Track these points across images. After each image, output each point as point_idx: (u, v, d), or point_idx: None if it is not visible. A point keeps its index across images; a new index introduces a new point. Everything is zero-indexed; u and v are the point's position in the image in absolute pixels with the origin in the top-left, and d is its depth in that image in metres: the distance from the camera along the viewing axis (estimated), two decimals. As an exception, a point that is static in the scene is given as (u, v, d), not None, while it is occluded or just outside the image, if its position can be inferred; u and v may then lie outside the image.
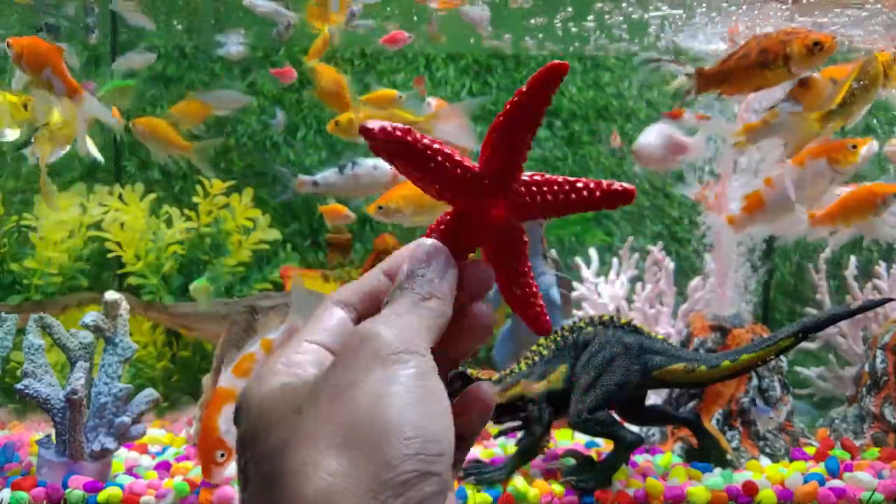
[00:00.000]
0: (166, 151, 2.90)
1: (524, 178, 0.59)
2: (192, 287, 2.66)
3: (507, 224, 0.59)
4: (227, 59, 3.54)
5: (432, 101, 2.94)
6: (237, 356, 2.11)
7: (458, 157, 0.57)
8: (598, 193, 0.59)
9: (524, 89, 0.57)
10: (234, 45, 3.21)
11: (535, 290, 0.61)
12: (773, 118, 2.37)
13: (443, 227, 0.59)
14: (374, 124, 0.55)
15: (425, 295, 0.55)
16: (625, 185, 0.58)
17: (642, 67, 2.62)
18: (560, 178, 0.60)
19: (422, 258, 0.57)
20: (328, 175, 2.83)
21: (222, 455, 2.02)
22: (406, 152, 0.56)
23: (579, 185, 0.59)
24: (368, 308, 0.57)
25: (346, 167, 2.82)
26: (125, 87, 2.93)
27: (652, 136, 2.79)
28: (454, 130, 2.58)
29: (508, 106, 0.57)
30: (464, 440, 0.57)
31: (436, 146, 0.57)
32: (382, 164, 2.76)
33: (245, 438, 0.51)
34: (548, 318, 0.61)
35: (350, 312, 0.57)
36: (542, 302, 0.61)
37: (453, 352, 0.58)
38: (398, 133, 0.56)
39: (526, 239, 0.61)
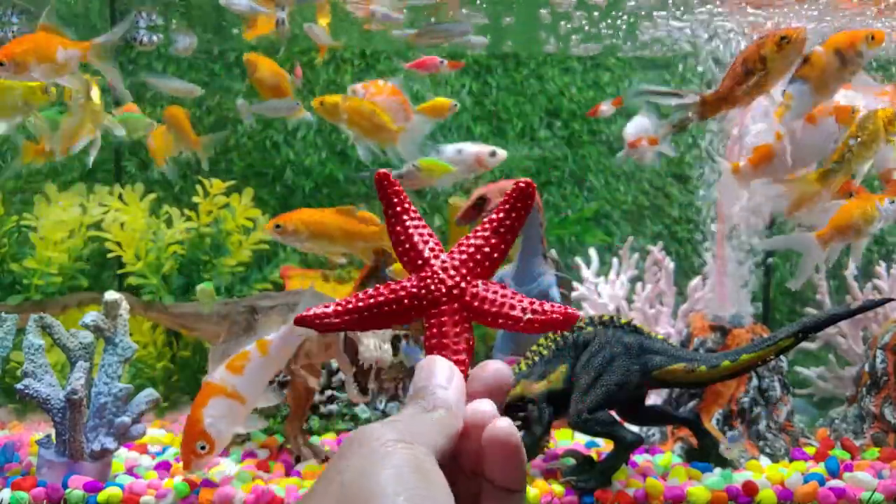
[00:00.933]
0: (180, 144, 2.89)
1: (482, 288, 0.63)
2: (197, 289, 2.66)
3: (451, 320, 0.62)
4: (175, 55, 3.49)
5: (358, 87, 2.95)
6: (232, 353, 2.11)
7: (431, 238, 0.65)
8: (536, 325, 0.62)
9: (506, 207, 0.65)
10: (181, 41, 3.19)
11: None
12: (777, 140, 2.40)
13: (398, 289, 0.64)
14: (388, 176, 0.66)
15: (428, 406, 0.55)
16: (569, 310, 0.61)
17: (639, 98, 2.63)
18: (509, 299, 0.62)
19: (422, 375, 0.58)
20: (410, 164, 2.82)
21: (203, 447, 2.02)
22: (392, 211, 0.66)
23: (520, 312, 0.62)
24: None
25: (429, 155, 2.81)
26: (139, 121, 2.95)
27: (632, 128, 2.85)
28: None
29: (487, 220, 0.65)
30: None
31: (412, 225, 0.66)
32: (466, 149, 2.75)
33: None
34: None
35: None
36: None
37: (483, 472, 0.55)
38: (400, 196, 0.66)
39: (468, 337, 0.63)
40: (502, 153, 2.79)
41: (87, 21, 3.50)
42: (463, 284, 0.63)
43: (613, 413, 2.14)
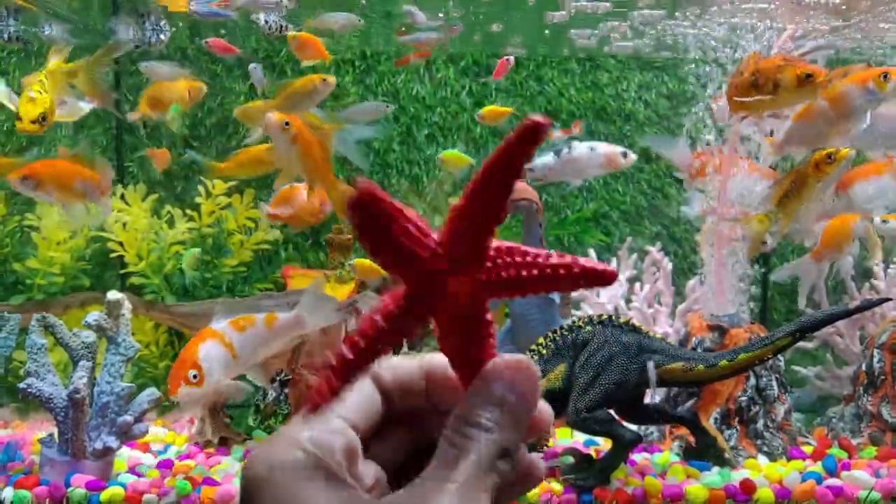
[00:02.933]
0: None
1: (493, 249, 0.51)
2: (185, 255, 2.68)
3: (468, 303, 0.51)
4: (176, 56, 3.49)
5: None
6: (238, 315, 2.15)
7: (421, 228, 0.51)
8: (577, 271, 0.51)
9: (501, 146, 0.49)
10: (150, 34, 3.20)
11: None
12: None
13: (391, 307, 0.52)
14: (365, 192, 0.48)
15: (500, 452, 0.48)
16: (606, 266, 0.51)
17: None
18: (535, 252, 0.52)
19: (507, 385, 0.50)
20: (545, 160, 2.83)
21: (195, 376, 2.03)
22: (369, 216, 0.49)
23: (556, 261, 0.51)
24: (400, 394, 0.53)
25: (561, 151, 2.81)
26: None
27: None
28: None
29: (483, 167, 0.50)
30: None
31: (399, 212, 0.50)
32: (598, 146, 2.76)
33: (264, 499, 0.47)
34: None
35: (381, 394, 0.53)
36: None
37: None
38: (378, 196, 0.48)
39: (490, 320, 0.52)
40: (633, 156, 2.79)
41: (88, 18, 3.51)
42: (470, 279, 0.51)
43: (612, 412, 2.15)
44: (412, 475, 0.48)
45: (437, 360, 0.54)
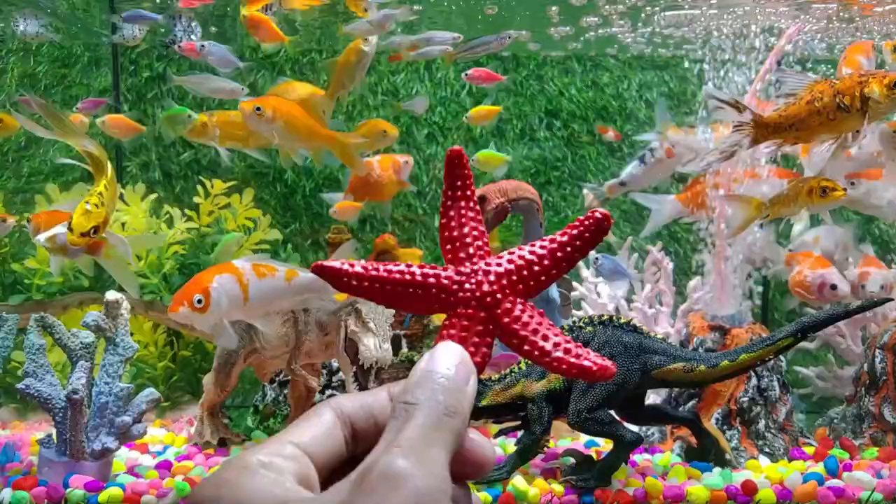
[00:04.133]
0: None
1: (519, 307, 0.56)
2: (223, 240, 2.65)
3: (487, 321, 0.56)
4: (109, 40, 3.46)
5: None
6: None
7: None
8: (563, 366, 0.55)
9: (574, 233, 0.57)
10: (128, 29, 3.16)
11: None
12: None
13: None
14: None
15: (450, 408, 0.49)
16: (602, 363, 0.55)
17: (710, 101, 2.49)
18: (543, 328, 0.56)
19: (446, 360, 0.52)
20: (631, 170, 2.84)
21: (200, 301, 2.02)
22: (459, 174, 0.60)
23: (551, 346, 0.55)
24: (363, 426, 0.53)
25: (645, 156, 2.82)
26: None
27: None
28: None
29: (558, 241, 0.57)
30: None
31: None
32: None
33: None
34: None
35: (343, 422, 0.52)
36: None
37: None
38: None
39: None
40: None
41: (88, 16, 3.51)
42: (499, 295, 0.56)
43: (613, 412, 2.14)
44: None
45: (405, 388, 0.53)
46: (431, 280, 0.56)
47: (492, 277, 0.56)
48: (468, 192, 0.59)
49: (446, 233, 0.59)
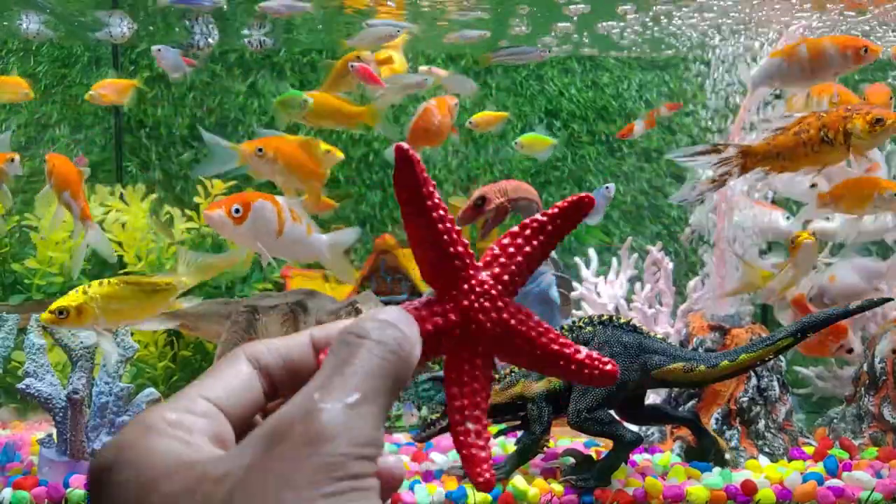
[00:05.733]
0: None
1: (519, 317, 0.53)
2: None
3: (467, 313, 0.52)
4: (107, 42, 3.42)
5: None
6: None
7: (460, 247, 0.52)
8: (573, 366, 0.54)
9: (551, 214, 0.54)
10: (116, 27, 3.14)
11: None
12: None
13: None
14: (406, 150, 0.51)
15: (393, 350, 0.45)
16: (606, 365, 0.54)
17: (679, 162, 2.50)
18: (546, 328, 0.53)
19: (386, 311, 0.48)
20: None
21: (238, 211, 2.05)
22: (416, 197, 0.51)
23: (559, 351, 0.53)
24: (283, 377, 0.48)
25: None
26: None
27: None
28: None
29: (539, 220, 0.54)
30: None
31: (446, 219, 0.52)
32: None
33: (118, 491, 0.41)
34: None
35: (260, 373, 0.48)
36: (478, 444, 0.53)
37: None
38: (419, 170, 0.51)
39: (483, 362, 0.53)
40: None
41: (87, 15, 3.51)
42: (505, 316, 0.52)
43: (612, 412, 2.14)
44: None
45: (328, 332, 0.49)
46: (442, 326, 0.51)
47: (493, 293, 0.52)
48: (432, 194, 0.51)
49: (422, 251, 0.52)
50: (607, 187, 2.85)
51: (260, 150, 2.36)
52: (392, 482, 0.48)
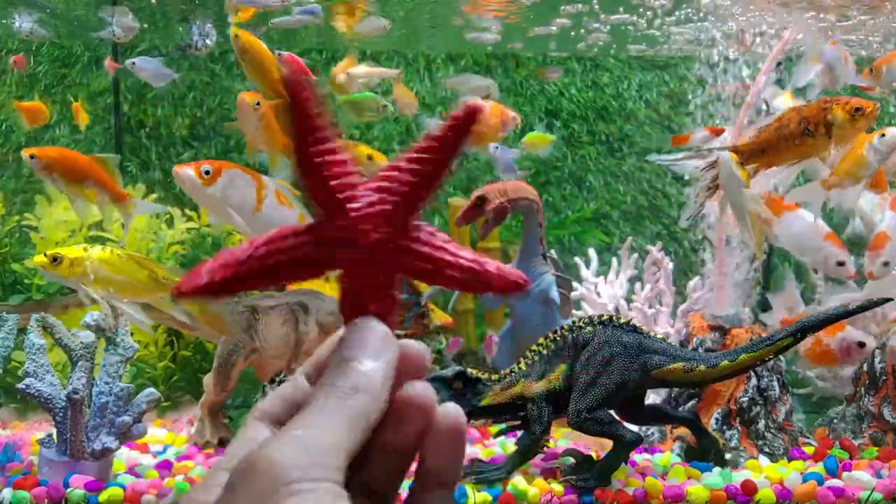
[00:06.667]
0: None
1: (425, 231, 0.53)
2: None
3: (372, 255, 0.51)
4: (107, 41, 3.40)
5: None
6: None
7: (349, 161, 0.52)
8: (485, 277, 0.52)
9: (435, 134, 0.53)
10: (119, 24, 3.12)
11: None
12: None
13: (299, 229, 0.52)
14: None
15: (347, 390, 0.46)
16: (517, 274, 0.53)
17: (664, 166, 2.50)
18: (458, 247, 0.53)
19: (349, 344, 0.49)
20: None
21: (208, 173, 2.03)
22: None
23: (470, 260, 0.53)
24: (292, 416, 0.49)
25: None
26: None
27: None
28: None
29: (429, 139, 0.53)
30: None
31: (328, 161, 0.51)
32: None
33: None
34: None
35: (273, 426, 0.49)
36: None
37: (385, 442, 0.48)
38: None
39: (389, 292, 0.52)
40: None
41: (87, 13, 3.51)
42: (391, 235, 0.51)
43: (612, 412, 2.14)
44: None
45: (314, 364, 0.52)
46: (312, 248, 0.51)
47: (378, 219, 0.51)
48: (318, 122, 0.51)
49: (309, 180, 0.51)
50: (497, 146, 2.79)
51: (258, 104, 2.34)
52: (418, 370, 0.49)
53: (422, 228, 0.53)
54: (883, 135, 2.27)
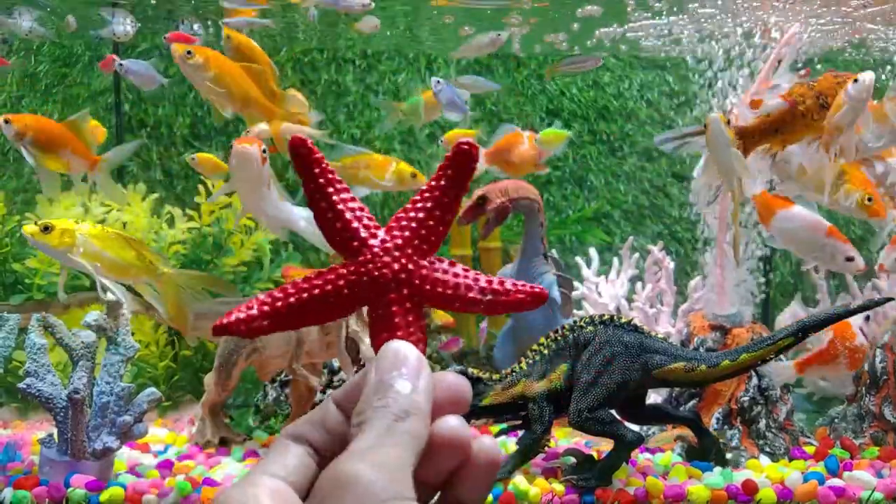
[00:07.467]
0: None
1: (432, 268, 0.57)
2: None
3: (392, 287, 0.56)
4: (108, 41, 3.38)
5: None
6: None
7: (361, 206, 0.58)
8: (499, 307, 0.57)
9: (448, 172, 0.57)
10: (119, 24, 3.11)
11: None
12: None
13: (328, 273, 0.57)
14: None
15: (400, 413, 0.47)
16: (533, 289, 0.57)
17: (665, 146, 2.46)
18: (464, 279, 0.57)
19: (385, 365, 0.50)
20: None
21: (265, 150, 2.10)
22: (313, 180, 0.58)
23: (478, 293, 0.57)
24: (323, 440, 0.51)
25: None
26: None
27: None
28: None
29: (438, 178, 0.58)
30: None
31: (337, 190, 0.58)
32: None
33: None
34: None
35: (305, 446, 0.51)
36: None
37: (416, 474, 0.48)
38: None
39: (411, 318, 0.56)
40: None
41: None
42: (410, 266, 0.56)
43: (614, 412, 2.14)
44: None
45: (346, 391, 0.52)
46: (339, 283, 0.56)
47: (396, 252, 0.56)
48: (328, 176, 0.58)
49: (327, 227, 0.58)
50: (438, 80, 2.75)
51: (189, 52, 2.30)
52: (489, 467, 0.50)
53: (440, 261, 0.57)
54: (856, 80, 2.21)
